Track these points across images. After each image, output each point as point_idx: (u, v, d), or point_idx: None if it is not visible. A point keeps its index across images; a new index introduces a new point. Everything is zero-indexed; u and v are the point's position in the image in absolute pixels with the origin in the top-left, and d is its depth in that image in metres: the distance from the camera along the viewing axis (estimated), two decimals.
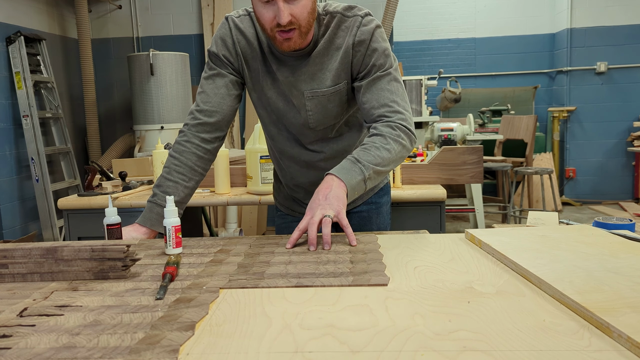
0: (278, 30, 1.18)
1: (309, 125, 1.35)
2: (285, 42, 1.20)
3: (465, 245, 1.15)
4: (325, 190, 1.15)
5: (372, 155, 1.19)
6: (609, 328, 0.67)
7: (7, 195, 4.14)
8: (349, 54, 1.27)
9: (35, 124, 4.17)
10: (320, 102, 1.32)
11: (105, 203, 2.15)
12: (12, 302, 0.86)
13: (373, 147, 1.21)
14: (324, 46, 1.28)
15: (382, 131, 1.23)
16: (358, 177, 1.17)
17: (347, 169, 1.18)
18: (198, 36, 5.47)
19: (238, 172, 2.42)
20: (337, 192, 1.14)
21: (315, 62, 1.29)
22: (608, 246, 1.03)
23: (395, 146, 1.22)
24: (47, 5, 4.82)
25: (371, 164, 1.18)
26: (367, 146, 1.22)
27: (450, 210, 4.74)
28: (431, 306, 0.79)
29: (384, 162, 1.20)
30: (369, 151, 1.20)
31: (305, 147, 1.41)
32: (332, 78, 1.30)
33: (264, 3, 1.16)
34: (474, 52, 6.03)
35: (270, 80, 1.34)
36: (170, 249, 1.14)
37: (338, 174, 1.17)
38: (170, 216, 1.14)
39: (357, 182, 1.17)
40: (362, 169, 1.18)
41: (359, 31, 1.26)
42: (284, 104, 1.35)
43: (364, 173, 1.18)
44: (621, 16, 5.66)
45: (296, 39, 1.20)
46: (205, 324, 0.75)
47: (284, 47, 1.21)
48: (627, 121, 5.77)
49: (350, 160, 1.19)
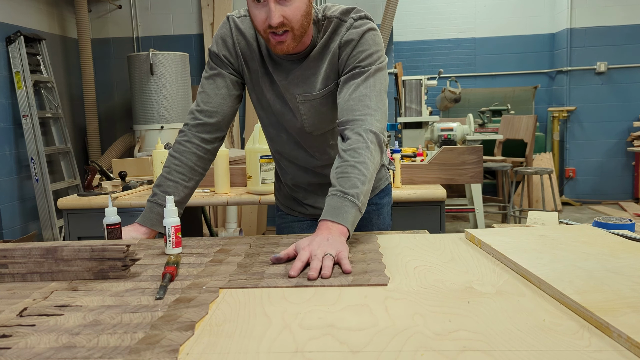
0: (271, 32, 1.16)
1: (305, 130, 1.34)
2: (278, 45, 1.18)
3: (465, 245, 1.15)
4: (326, 234, 1.06)
5: (353, 180, 1.12)
6: (608, 328, 0.67)
7: (7, 195, 4.14)
8: (336, 53, 1.26)
9: (35, 124, 4.17)
10: (313, 106, 1.31)
11: (105, 203, 2.15)
12: (12, 302, 0.86)
13: (350, 168, 1.13)
14: (319, 50, 1.28)
15: (351, 144, 1.16)
16: (352, 211, 1.10)
17: (338, 207, 1.09)
18: (198, 36, 5.47)
19: (238, 172, 2.42)
20: (337, 238, 1.05)
21: (309, 66, 1.29)
22: (608, 246, 1.03)
23: (368, 154, 1.15)
24: (47, 5, 4.82)
25: (357, 190, 1.11)
26: (345, 170, 1.14)
27: (450, 210, 4.74)
28: (431, 306, 0.79)
29: (367, 179, 1.14)
30: (349, 176, 1.12)
31: (305, 150, 1.40)
32: (322, 81, 1.29)
33: (256, 3, 1.15)
34: (473, 52, 6.03)
35: (269, 82, 1.34)
36: (170, 249, 1.14)
37: (333, 218, 1.08)
38: (170, 216, 1.14)
39: (354, 215, 1.10)
40: (352, 199, 1.10)
41: (348, 32, 1.24)
42: (282, 106, 1.35)
43: (356, 203, 1.10)
44: (621, 16, 5.66)
45: (289, 42, 1.18)
46: (205, 323, 0.75)
47: (277, 50, 1.20)
48: (627, 121, 5.77)
49: (337, 195, 1.11)
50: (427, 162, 2.40)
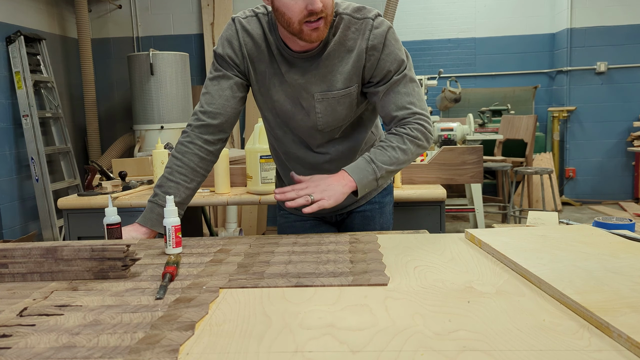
0: (306, 21, 1.16)
1: (318, 128, 1.34)
2: (314, 33, 1.19)
3: (465, 245, 1.15)
4: (334, 180, 1.21)
5: (387, 156, 1.25)
6: (608, 328, 0.67)
7: (7, 195, 4.14)
8: (362, 57, 1.26)
9: (35, 124, 4.17)
10: (330, 105, 1.31)
11: (105, 203, 2.15)
12: (12, 302, 0.86)
13: (389, 147, 1.26)
14: (334, 48, 1.27)
15: (399, 131, 1.28)
16: (370, 177, 1.23)
17: (360, 168, 1.23)
18: (198, 36, 5.47)
19: (238, 172, 2.42)
20: (340, 189, 1.20)
21: (325, 64, 1.28)
22: (608, 246, 1.03)
23: (412, 146, 1.28)
24: (47, 5, 4.82)
25: (385, 165, 1.24)
26: (384, 145, 1.27)
27: (450, 210, 4.74)
28: (431, 306, 0.79)
29: (397, 162, 1.26)
30: (385, 151, 1.26)
31: (311, 150, 1.41)
32: (343, 81, 1.29)
33: None
34: (473, 52, 6.02)
35: (278, 82, 1.33)
36: (170, 249, 1.14)
37: (351, 172, 1.22)
38: (170, 216, 1.14)
39: (369, 180, 1.23)
40: (375, 169, 1.23)
41: (371, 35, 1.25)
42: (292, 106, 1.34)
43: (377, 173, 1.23)
44: (621, 16, 5.66)
45: (323, 28, 1.19)
46: (205, 323, 0.75)
47: (312, 37, 1.19)
48: (627, 121, 5.77)
49: (366, 159, 1.24)
50: (427, 162, 2.40)
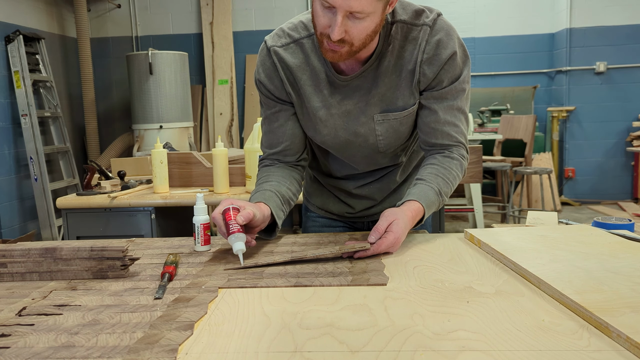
0: (327, 38, 1.04)
1: (379, 150, 1.25)
2: (330, 53, 1.06)
3: (465, 245, 1.15)
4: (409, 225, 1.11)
5: (449, 188, 1.20)
6: (608, 328, 0.67)
7: (6, 195, 4.14)
8: (415, 70, 1.14)
9: (34, 123, 4.17)
10: (392, 126, 1.20)
11: (105, 203, 2.15)
12: (10, 302, 0.86)
13: (452, 177, 1.20)
14: (391, 62, 1.14)
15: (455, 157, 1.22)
16: (433, 211, 1.19)
17: (432, 202, 1.16)
18: (197, 35, 5.47)
19: (237, 172, 2.42)
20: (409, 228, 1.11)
21: (384, 82, 1.16)
22: (607, 246, 1.03)
23: (460, 174, 1.24)
24: (46, 4, 4.81)
25: (446, 197, 1.20)
26: (448, 177, 1.20)
27: (450, 210, 4.74)
28: (430, 306, 0.79)
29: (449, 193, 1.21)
30: (449, 183, 1.20)
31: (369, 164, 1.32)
32: (403, 99, 1.17)
33: (324, 7, 1.02)
34: (473, 51, 6.02)
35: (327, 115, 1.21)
36: (199, 246, 1.14)
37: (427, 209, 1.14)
38: (200, 214, 1.13)
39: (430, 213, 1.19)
40: (440, 202, 1.19)
41: (427, 46, 1.12)
42: (348, 134, 1.22)
43: (439, 207, 1.20)
44: (621, 16, 5.66)
45: (343, 54, 1.06)
46: (204, 323, 0.75)
47: (327, 56, 1.08)
48: (627, 121, 5.77)
49: (436, 192, 1.17)
50: None
